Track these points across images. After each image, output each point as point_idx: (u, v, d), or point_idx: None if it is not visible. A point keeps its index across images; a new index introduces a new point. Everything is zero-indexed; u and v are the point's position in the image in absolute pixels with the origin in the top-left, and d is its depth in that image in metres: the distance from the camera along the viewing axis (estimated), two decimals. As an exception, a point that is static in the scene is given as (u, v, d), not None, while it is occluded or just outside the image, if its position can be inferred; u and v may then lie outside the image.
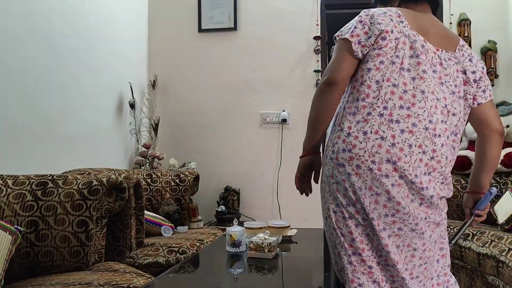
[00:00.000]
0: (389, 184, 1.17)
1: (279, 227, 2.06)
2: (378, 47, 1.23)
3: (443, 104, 1.23)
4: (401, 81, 1.21)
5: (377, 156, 1.17)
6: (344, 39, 1.25)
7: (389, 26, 1.23)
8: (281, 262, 1.70)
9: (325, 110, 1.29)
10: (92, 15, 2.75)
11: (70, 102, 2.50)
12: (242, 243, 1.77)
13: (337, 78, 1.24)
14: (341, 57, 1.26)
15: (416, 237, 1.22)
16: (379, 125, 1.19)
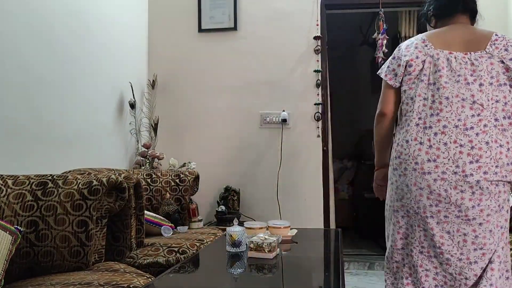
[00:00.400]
0: (431, 179, 1.44)
1: (279, 227, 2.05)
2: (408, 73, 1.54)
3: (471, 101, 1.45)
4: (430, 94, 1.49)
5: (419, 158, 1.46)
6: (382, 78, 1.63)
7: (413, 55, 1.53)
8: (281, 262, 1.70)
9: (382, 135, 1.65)
10: (92, 15, 2.75)
11: (70, 102, 2.50)
12: (242, 243, 1.75)
13: (385, 110, 1.62)
14: (385, 91, 1.63)
15: (463, 223, 1.43)
16: (417, 133, 1.49)
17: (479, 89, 1.44)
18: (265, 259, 1.64)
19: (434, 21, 1.70)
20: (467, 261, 1.43)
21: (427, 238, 1.48)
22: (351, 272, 3.33)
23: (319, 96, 3.50)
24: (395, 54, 1.61)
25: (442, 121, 1.45)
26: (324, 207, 3.46)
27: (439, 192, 1.43)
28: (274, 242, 1.69)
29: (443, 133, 1.44)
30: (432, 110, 1.47)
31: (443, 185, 1.42)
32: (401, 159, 1.51)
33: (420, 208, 1.47)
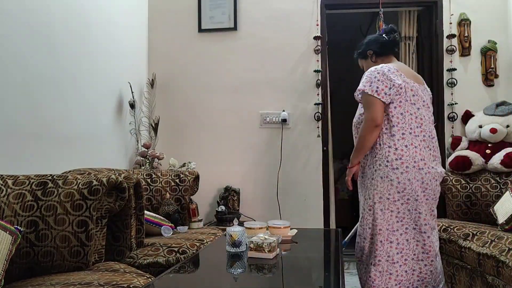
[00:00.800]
0: (424, 173, 2.01)
1: (279, 227, 2.05)
2: (398, 94, 2.02)
3: (430, 120, 2.12)
4: (413, 111, 2.05)
5: (416, 158, 2.00)
6: (371, 94, 2.01)
7: (399, 81, 2.03)
8: (281, 262, 1.70)
9: (371, 142, 2.06)
10: (92, 15, 2.75)
11: (70, 102, 2.50)
12: (242, 243, 1.75)
13: (380, 122, 2.01)
14: (377, 106, 2.01)
15: (434, 203, 2.09)
16: (411, 139, 2.02)
17: (429, 112, 2.12)
18: (265, 259, 1.64)
19: (374, 57, 2.27)
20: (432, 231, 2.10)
21: (420, 218, 2.03)
22: (351, 272, 3.33)
23: (319, 96, 3.50)
24: (381, 77, 2.01)
25: (423, 132, 2.04)
26: (324, 207, 3.46)
27: (427, 182, 2.01)
28: (274, 242, 1.69)
29: (424, 141, 2.04)
30: (417, 124, 2.04)
31: (429, 177, 2.02)
32: (402, 160, 1.99)
33: (419, 195, 2.01)
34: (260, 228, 2.01)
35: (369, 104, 2.02)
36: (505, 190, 2.69)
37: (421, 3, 3.58)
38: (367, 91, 2.02)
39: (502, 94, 3.36)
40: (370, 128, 2.01)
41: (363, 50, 2.33)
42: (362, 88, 2.04)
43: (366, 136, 2.03)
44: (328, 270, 1.64)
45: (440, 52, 3.44)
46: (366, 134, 2.03)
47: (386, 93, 2.00)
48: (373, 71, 2.05)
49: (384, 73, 2.02)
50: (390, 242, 2.05)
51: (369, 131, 2.02)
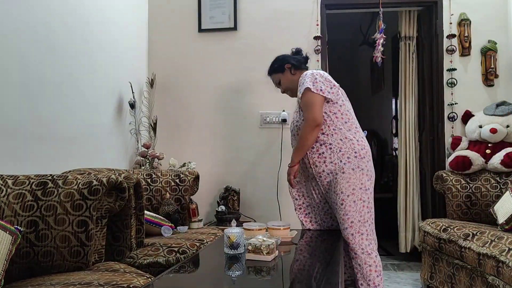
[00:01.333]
0: (371, 161, 2.20)
1: (278, 229, 2.02)
2: (337, 94, 2.19)
3: None
4: (350, 108, 2.26)
5: (368, 148, 2.19)
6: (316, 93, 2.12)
7: (334, 82, 2.22)
8: (280, 264, 1.68)
9: (313, 141, 2.17)
10: (92, 14, 2.75)
11: (70, 102, 2.50)
12: (240, 244, 1.71)
13: (320, 121, 2.12)
14: (320, 106, 2.13)
15: None
16: (361, 132, 2.22)
17: None
18: (264, 262, 1.61)
19: (293, 69, 2.39)
20: None
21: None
22: (351, 272, 3.32)
23: (319, 96, 3.49)
24: (322, 79, 2.15)
25: (358, 127, 2.24)
26: (324, 207, 3.46)
27: (372, 169, 2.21)
28: (273, 244, 1.67)
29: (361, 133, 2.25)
30: (356, 120, 2.25)
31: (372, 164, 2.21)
32: (366, 149, 2.16)
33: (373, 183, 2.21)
34: (259, 230, 1.97)
35: (310, 103, 2.11)
36: (505, 190, 2.69)
37: (421, 3, 3.58)
38: (312, 90, 2.11)
39: (502, 94, 3.37)
40: (311, 128, 2.10)
41: (280, 65, 2.42)
42: (309, 86, 2.11)
43: (307, 135, 2.12)
44: (328, 273, 1.60)
45: (440, 52, 3.44)
46: (307, 134, 2.12)
47: (329, 92, 2.14)
48: (312, 73, 2.18)
49: (322, 75, 2.17)
50: (361, 234, 2.13)
51: (311, 131, 2.11)
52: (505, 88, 3.38)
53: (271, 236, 1.90)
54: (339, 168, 2.12)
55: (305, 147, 2.16)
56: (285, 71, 2.41)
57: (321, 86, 2.12)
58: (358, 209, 2.11)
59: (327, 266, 1.66)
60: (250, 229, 1.98)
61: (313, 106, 2.10)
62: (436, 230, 2.66)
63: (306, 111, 2.13)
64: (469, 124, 3.25)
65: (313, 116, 2.09)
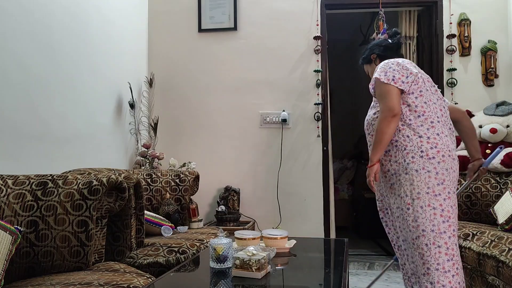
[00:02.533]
0: (456, 163, 1.88)
1: (275, 238, 1.80)
2: (416, 83, 1.89)
3: (448, 113, 2.01)
4: (435, 100, 1.94)
5: (449, 146, 1.86)
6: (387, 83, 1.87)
7: (415, 71, 1.91)
8: (273, 282, 1.45)
9: (391, 134, 1.87)
10: (92, 14, 2.75)
11: (70, 102, 2.50)
12: (228, 258, 1.48)
13: (397, 111, 1.85)
14: (394, 95, 1.86)
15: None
16: (441, 128, 1.88)
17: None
18: (253, 279, 1.39)
19: (378, 60, 2.14)
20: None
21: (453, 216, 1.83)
22: (351, 272, 3.33)
23: (319, 96, 3.50)
24: (396, 67, 1.90)
25: (447, 122, 1.94)
26: (324, 207, 3.46)
27: (456, 171, 1.89)
28: (264, 258, 1.44)
29: (450, 130, 1.94)
30: (442, 112, 1.93)
31: (457, 165, 1.90)
32: (438, 149, 1.83)
33: (454, 187, 1.86)
34: (253, 239, 1.74)
35: (384, 93, 1.87)
36: (505, 190, 2.69)
37: (421, 3, 3.57)
38: (382, 80, 1.88)
39: (502, 94, 3.37)
40: (387, 119, 1.84)
41: (367, 55, 2.23)
42: (377, 76, 1.90)
43: (384, 129, 1.85)
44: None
45: (440, 52, 3.44)
46: (384, 126, 1.85)
47: (404, 82, 1.87)
48: (387, 62, 1.95)
49: (399, 63, 1.92)
50: (438, 246, 1.77)
51: (387, 122, 1.84)
52: (505, 88, 3.38)
53: (266, 246, 1.73)
54: (403, 168, 1.86)
55: (383, 141, 1.87)
56: (372, 62, 2.20)
57: (394, 75, 1.87)
58: (429, 216, 1.79)
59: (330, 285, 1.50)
60: (243, 238, 1.75)
61: (388, 95, 1.85)
62: (436, 230, 2.66)
63: (381, 102, 1.89)
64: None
65: (388, 106, 1.84)
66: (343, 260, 1.72)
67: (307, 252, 1.96)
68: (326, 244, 2.12)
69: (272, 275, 1.49)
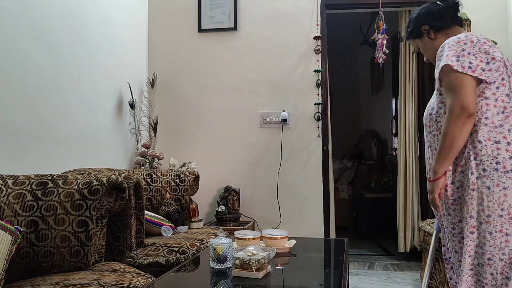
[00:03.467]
0: None
1: (275, 238, 1.80)
2: (496, 68, 1.47)
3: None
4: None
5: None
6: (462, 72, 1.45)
7: (498, 52, 1.48)
8: (274, 282, 1.45)
9: (465, 137, 1.48)
10: (92, 15, 2.75)
11: (70, 102, 2.50)
12: (228, 258, 1.48)
13: (474, 110, 1.44)
14: (468, 88, 1.45)
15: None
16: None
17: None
18: (253, 279, 1.40)
19: (433, 33, 1.72)
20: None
21: None
22: (351, 272, 3.33)
23: (319, 96, 3.50)
24: (473, 49, 1.48)
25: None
26: (324, 207, 3.46)
27: None
28: (264, 258, 1.44)
29: None
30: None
31: None
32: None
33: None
34: (253, 239, 1.74)
35: (456, 85, 1.46)
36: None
37: (421, 3, 3.56)
38: (455, 68, 1.45)
39: (502, 94, 3.36)
40: (461, 120, 1.44)
41: (415, 27, 1.77)
42: (449, 63, 1.47)
43: (455, 132, 1.46)
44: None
45: (440, 52, 3.44)
46: (456, 130, 1.45)
47: (484, 69, 1.46)
48: (457, 40, 1.51)
49: (474, 42, 1.48)
50: (507, 278, 1.44)
51: (461, 125, 1.44)
52: (505, 88, 3.38)
53: (266, 246, 1.73)
54: (471, 183, 1.47)
55: (453, 149, 1.48)
56: (423, 35, 1.75)
57: (471, 61, 1.46)
58: (499, 244, 1.44)
59: (330, 285, 1.50)
60: (243, 238, 1.76)
61: (461, 88, 1.45)
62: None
63: (450, 97, 1.49)
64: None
65: (462, 103, 1.43)
66: (343, 260, 1.71)
67: (307, 252, 1.96)
68: (326, 244, 2.12)
69: (272, 275, 1.49)
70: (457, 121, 1.45)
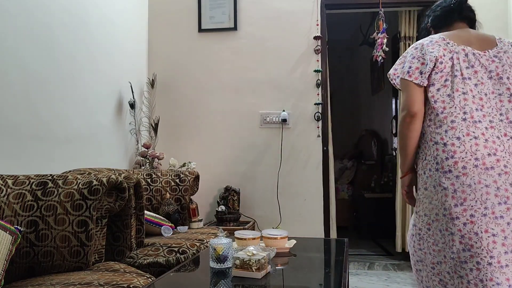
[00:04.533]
0: (496, 174, 1.38)
1: (275, 238, 1.80)
2: (439, 70, 1.50)
3: (508, 94, 1.49)
4: (468, 89, 1.48)
5: (478, 153, 1.39)
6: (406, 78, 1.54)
7: (440, 52, 1.51)
8: (274, 282, 1.45)
9: (415, 137, 1.55)
10: (92, 15, 2.75)
11: (70, 102, 2.50)
12: (228, 258, 1.48)
13: (416, 110, 1.51)
14: (411, 91, 1.53)
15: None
16: (467, 127, 1.43)
17: (506, 85, 1.50)
18: (253, 279, 1.40)
19: (433, 32, 1.75)
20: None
21: (496, 245, 1.34)
22: (351, 272, 3.33)
23: (319, 96, 3.50)
24: (415, 53, 1.56)
25: (486, 116, 1.45)
26: (324, 207, 3.46)
27: (506, 187, 1.37)
28: (264, 258, 1.44)
29: (492, 128, 1.44)
30: (476, 105, 1.46)
31: (508, 179, 1.38)
32: (456, 158, 1.41)
33: (488, 208, 1.36)
34: (253, 239, 1.74)
35: (402, 89, 1.59)
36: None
37: (421, 3, 3.57)
38: (398, 75, 1.59)
39: (502, 94, 3.36)
40: (406, 120, 1.53)
41: (424, 26, 1.85)
42: (393, 72, 1.62)
43: (403, 132, 1.56)
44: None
45: (440, 52, 3.44)
46: (403, 129, 1.56)
47: (422, 72, 1.51)
48: (411, 47, 1.62)
49: (423, 46, 1.56)
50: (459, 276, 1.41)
51: (406, 124, 1.54)
52: (505, 88, 3.38)
53: (266, 246, 1.73)
54: (423, 182, 1.54)
55: (405, 148, 1.57)
56: (430, 33, 1.78)
57: (410, 66, 1.54)
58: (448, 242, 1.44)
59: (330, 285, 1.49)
60: (243, 238, 1.75)
61: (405, 91, 1.56)
62: (436, 230, 2.65)
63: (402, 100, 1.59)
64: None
65: (402, 105, 1.56)
66: (343, 260, 1.70)
67: (307, 252, 1.96)
68: (326, 244, 2.11)
69: (272, 275, 1.49)
70: (403, 121, 1.55)
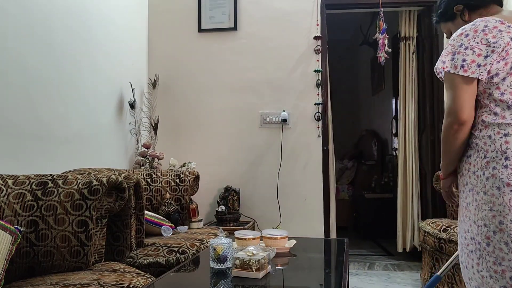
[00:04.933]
0: None
1: (275, 238, 1.80)
2: (502, 58, 1.27)
3: None
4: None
5: None
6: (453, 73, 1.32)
7: (505, 38, 1.28)
8: (274, 282, 1.45)
9: (460, 146, 1.37)
10: (92, 15, 2.75)
11: (70, 102, 2.50)
12: (228, 258, 1.48)
13: (466, 117, 1.31)
14: (459, 92, 1.31)
15: None
16: None
17: None
18: (253, 279, 1.39)
19: (467, 14, 1.50)
20: None
21: None
22: (351, 272, 3.33)
23: (319, 96, 3.50)
24: (472, 41, 1.30)
25: None
26: (324, 207, 3.46)
27: None
28: (264, 258, 1.43)
29: None
30: None
31: None
32: None
33: None
34: (253, 239, 1.74)
35: (448, 88, 1.35)
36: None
37: (421, 3, 3.58)
38: (447, 69, 1.34)
39: (502, 94, 3.36)
40: (453, 127, 1.33)
41: (446, 9, 1.56)
42: (441, 65, 1.36)
43: (449, 139, 1.36)
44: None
45: (440, 52, 3.43)
46: (449, 135, 1.36)
47: (480, 65, 1.28)
48: (459, 34, 1.36)
49: (478, 33, 1.30)
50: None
51: (453, 132, 1.34)
52: (505, 88, 3.38)
53: (266, 246, 1.73)
54: (482, 183, 1.29)
55: (449, 155, 1.41)
56: (456, 17, 1.54)
57: (465, 58, 1.30)
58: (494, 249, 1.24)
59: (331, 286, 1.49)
60: (243, 238, 1.75)
61: (452, 91, 1.33)
62: (436, 230, 2.65)
63: (446, 99, 1.37)
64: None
65: (452, 108, 1.32)
66: (343, 260, 1.70)
67: (307, 252, 1.96)
68: (326, 244, 2.12)
69: (272, 275, 1.49)
70: (450, 129, 1.35)
